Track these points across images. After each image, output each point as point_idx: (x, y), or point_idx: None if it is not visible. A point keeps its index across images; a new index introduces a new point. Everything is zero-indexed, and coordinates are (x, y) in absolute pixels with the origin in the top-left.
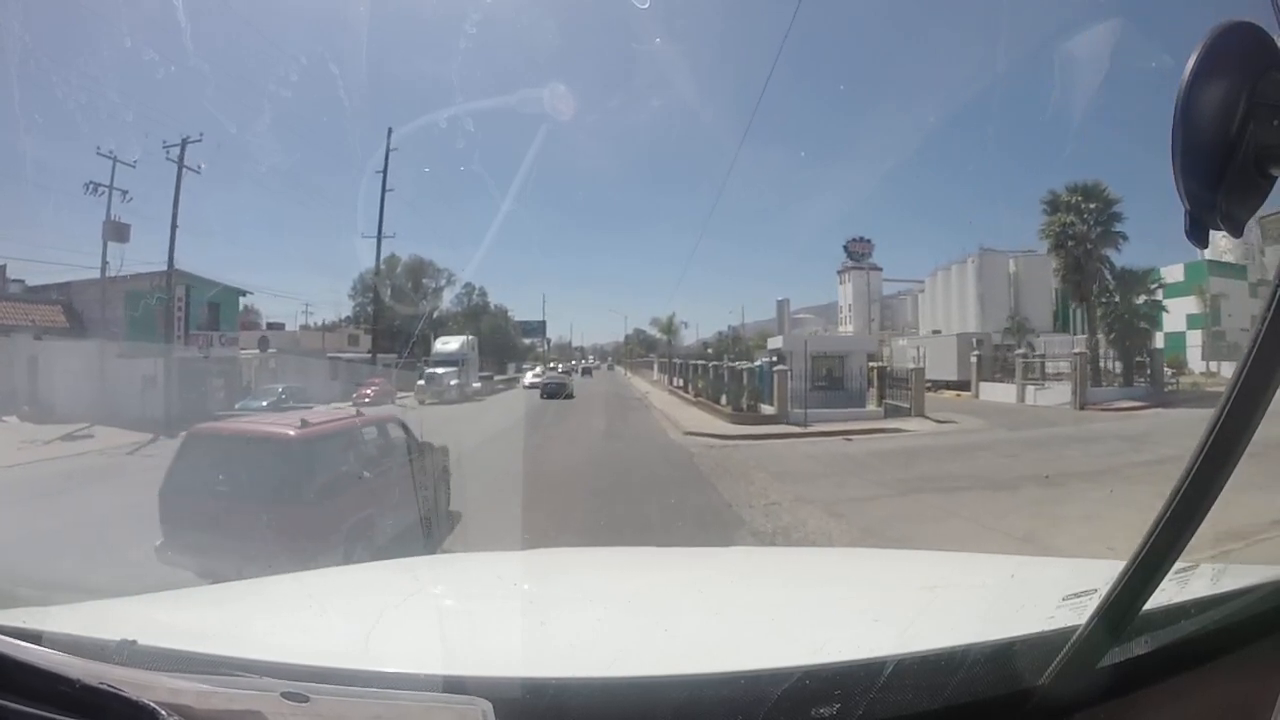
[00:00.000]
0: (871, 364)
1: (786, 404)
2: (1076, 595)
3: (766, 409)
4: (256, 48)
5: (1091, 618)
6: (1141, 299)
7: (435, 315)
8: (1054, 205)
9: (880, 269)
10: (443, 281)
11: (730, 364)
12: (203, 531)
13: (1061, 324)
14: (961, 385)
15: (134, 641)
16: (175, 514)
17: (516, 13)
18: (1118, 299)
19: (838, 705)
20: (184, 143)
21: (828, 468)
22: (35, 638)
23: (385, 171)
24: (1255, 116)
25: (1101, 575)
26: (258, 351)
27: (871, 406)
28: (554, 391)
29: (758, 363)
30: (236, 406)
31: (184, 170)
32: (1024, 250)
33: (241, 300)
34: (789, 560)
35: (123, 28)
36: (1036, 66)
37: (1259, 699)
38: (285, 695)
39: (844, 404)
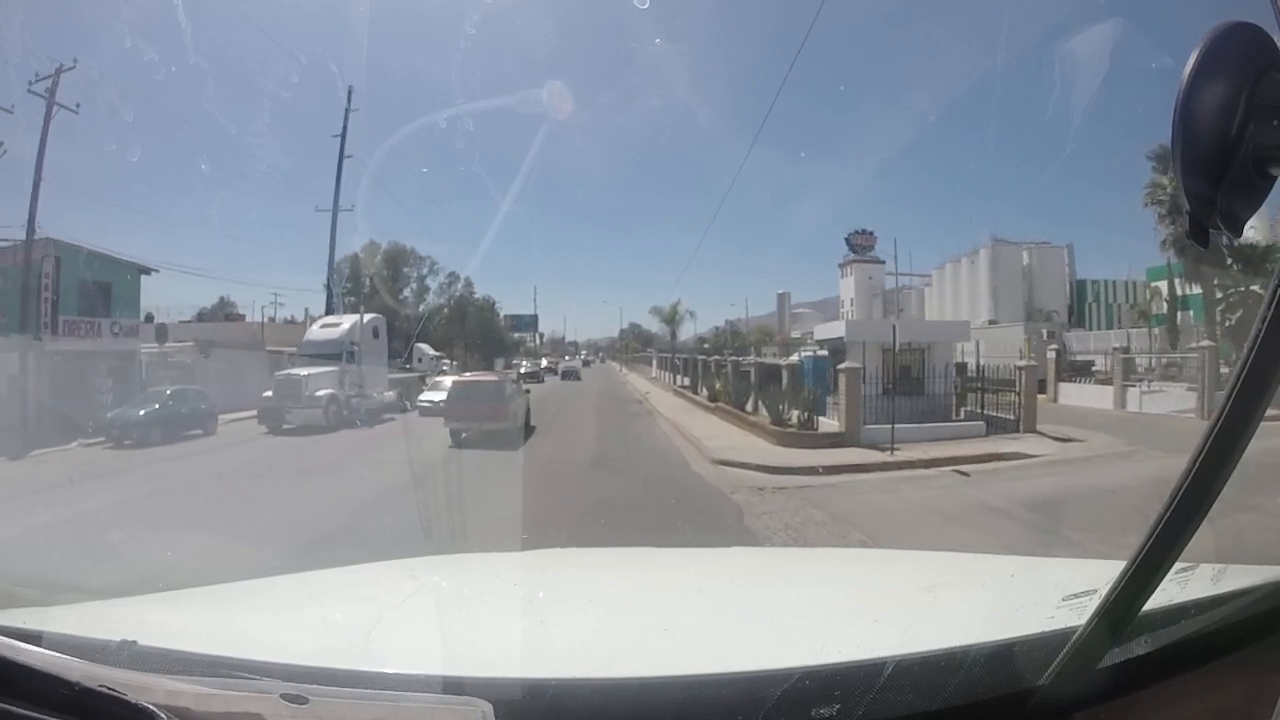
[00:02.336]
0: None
1: (858, 418)
2: (1076, 595)
3: (826, 424)
4: (250, 44)
5: (1091, 618)
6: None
7: (423, 309)
8: (1164, 161)
9: (883, 262)
10: (424, 270)
11: (760, 359)
12: (461, 413)
13: (1077, 318)
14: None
15: (134, 642)
16: (450, 407)
17: (517, 11)
18: (1234, 282)
19: (838, 706)
20: (57, 72)
21: (991, 543)
22: (35, 638)
23: (344, 135)
24: (1255, 116)
25: (1101, 575)
26: (156, 346)
27: (961, 419)
28: (568, 374)
29: (796, 357)
30: (108, 416)
31: (61, 109)
32: (1037, 242)
33: (143, 281)
34: (789, 560)
35: None
36: (1036, 64)
37: (1259, 699)
38: (284, 697)
39: (926, 416)
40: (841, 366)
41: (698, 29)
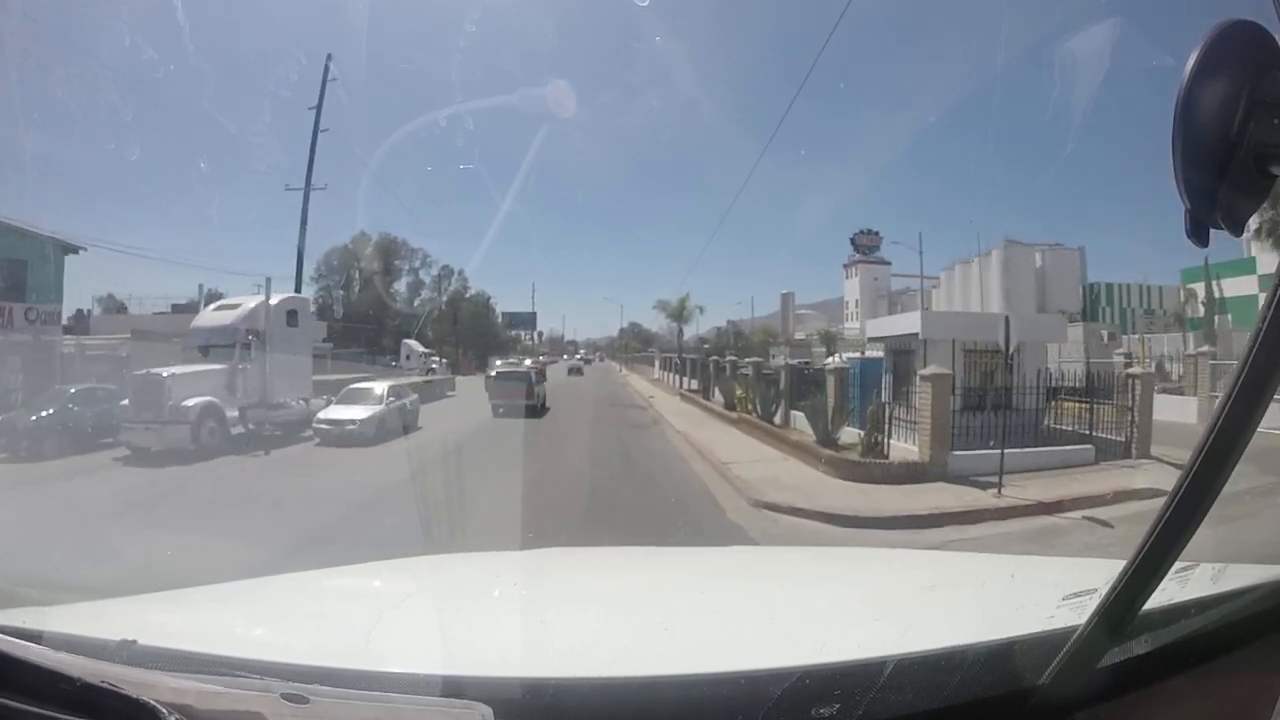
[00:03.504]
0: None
1: (946, 441)
2: (1076, 595)
3: (899, 449)
4: (251, 41)
5: (1091, 617)
6: None
7: (418, 304)
8: None
9: (889, 263)
10: (417, 264)
11: (790, 361)
12: (502, 393)
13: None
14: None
15: (134, 641)
16: (493, 390)
17: (516, 9)
18: None
19: (838, 705)
20: None
21: None
22: (35, 637)
23: (319, 108)
24: (1255, 115)
25: (1101, 575)
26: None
27: (1050, 439)
28: (573, 370)
29: (836, 359)
30: None
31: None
32: (1050, 243)
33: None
34: (789, 560)
35: None
36: (1038, 66)
37: (1259, 699)
38: (285, 696)
39: (1018, 437)
40: (926, 372)
41: (698, 28)
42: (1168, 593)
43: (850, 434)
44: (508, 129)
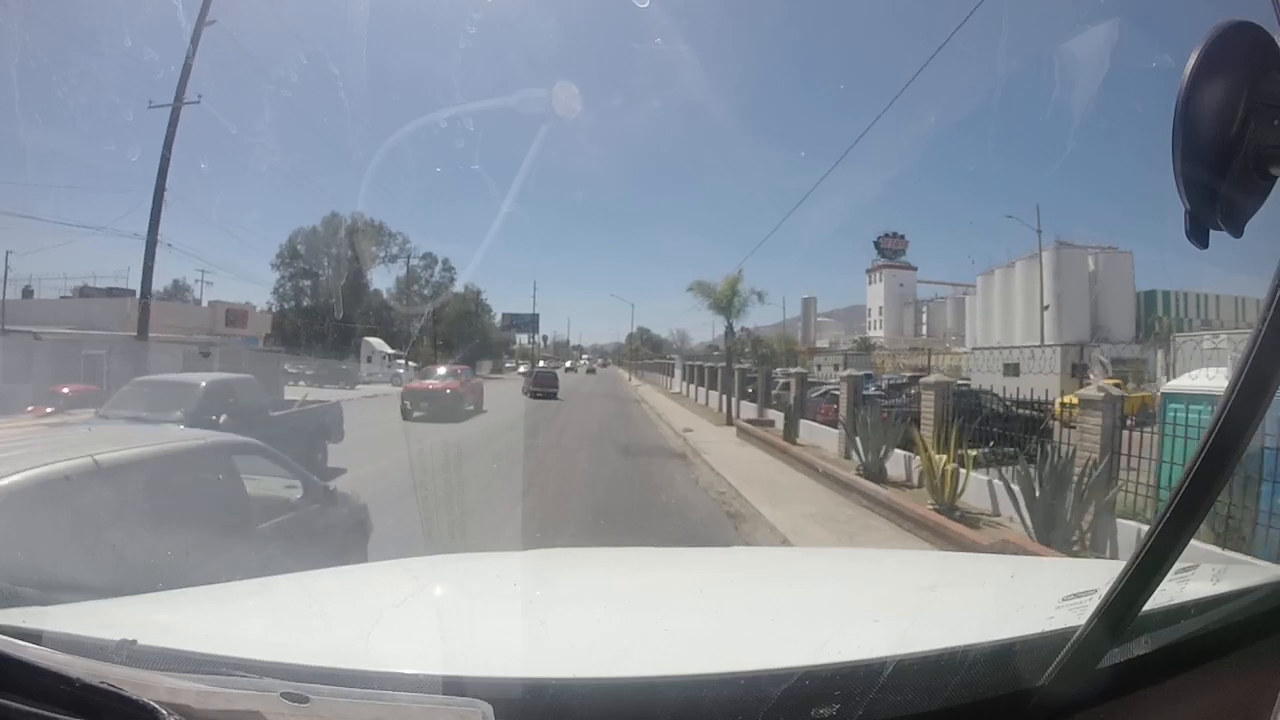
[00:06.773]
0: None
1: None
2: (1076, 595)
3: None
4: (255, 43)
5: (1091, 618)
6: None
7: (407, 302)
8: None
9: (915, 268)
10: (394, 250)
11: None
12: (536, 383)
13: (1145, 333)
14: None
15: (134, 641)
16: (529, 383)
17: (516, 9)
18: None
19: (838, 705)
20: None
21: None
22: (35, 637)
23: (204, 9)
24: (1255, 116)
25: (1101, 575)
26: None
27: None
28: (590, 370)
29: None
30: None
31: None
32: (1101, 246)
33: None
34: (789, 560)
35: None
36: (1050, 68)
37: (1259, 699)
38: (285, 696)
39: None
40: None
41: (708, 27)
42: (1168, 593)
43: None
44: (509, 130)
